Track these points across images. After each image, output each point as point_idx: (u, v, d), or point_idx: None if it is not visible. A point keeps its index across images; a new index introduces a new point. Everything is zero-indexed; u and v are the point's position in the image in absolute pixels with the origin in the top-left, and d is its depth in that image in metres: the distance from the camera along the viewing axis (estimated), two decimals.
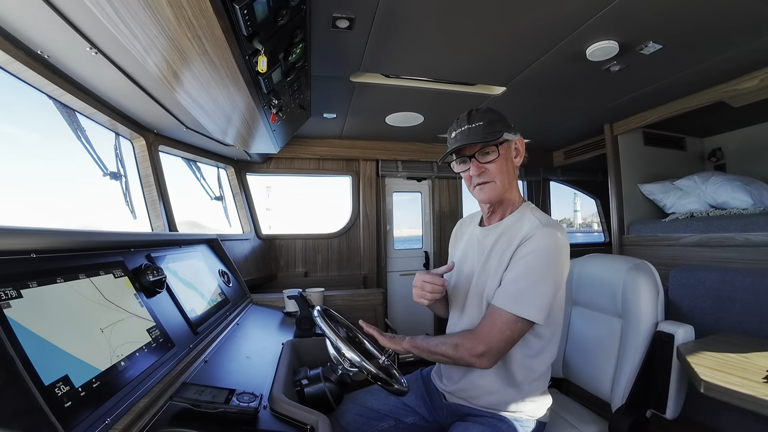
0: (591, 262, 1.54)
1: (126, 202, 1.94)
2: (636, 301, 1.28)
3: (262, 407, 0.89)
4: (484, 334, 1.03)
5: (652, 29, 1.59)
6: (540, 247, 1.04)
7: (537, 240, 1.05)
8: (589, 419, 1.32)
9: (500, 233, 1.17)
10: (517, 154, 1.19)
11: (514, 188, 1.22)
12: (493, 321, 1.04)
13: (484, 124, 1.12)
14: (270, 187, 3.61)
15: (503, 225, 1.19)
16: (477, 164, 1.15)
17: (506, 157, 1.16)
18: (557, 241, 1.05)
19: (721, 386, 0.94)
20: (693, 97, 2.35)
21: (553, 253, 1.05)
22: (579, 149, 3.68)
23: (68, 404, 0.66)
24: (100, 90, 1.54)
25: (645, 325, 1.25)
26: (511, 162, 1.18)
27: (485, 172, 1.15)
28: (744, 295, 1.54)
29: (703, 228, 2.35)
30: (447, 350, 1.07)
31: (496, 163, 1.14)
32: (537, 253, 1.04)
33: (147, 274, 1.13)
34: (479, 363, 1.03)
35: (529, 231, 1.08)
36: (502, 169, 1.15)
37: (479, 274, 1.18)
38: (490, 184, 1.16)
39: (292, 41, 1.27)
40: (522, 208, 1.20)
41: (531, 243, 1.06)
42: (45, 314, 0.74)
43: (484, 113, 1.15)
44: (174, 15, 0.86)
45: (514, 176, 1.20)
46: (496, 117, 1.15)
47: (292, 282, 3.23)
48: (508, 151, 1.17)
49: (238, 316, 1.70)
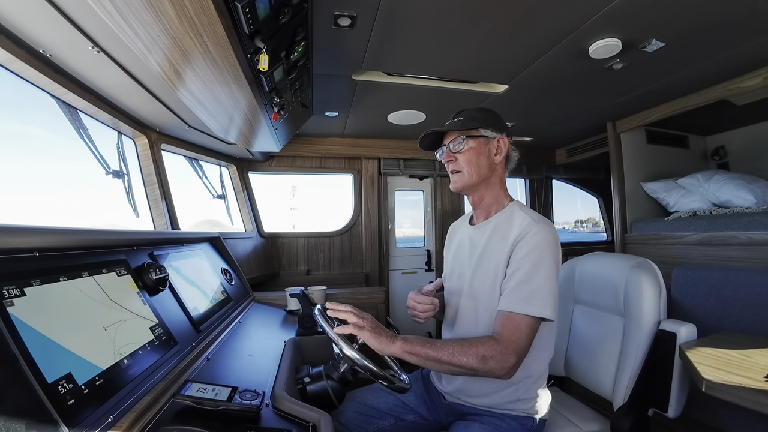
0: (593, 260, 1.54)
1: (129, 200, 1.95)
2: (638, 300, 1.28)
3: (264, 405, 0.89)
4: (512, 343, 0.97)
5: (655, 27, 1.58)
6: (540, 243, 1.05)
7: (535, 237, 1.05)
8: (591, 418, 1.32)
9: (491, 231, 1.18)
10: (497, 152, 1.20)
11: (498, 187, 1.24)
12: (517, 327, 0.99)
13: (464, 119, 1.20)
14: (295, 187, 3.62)
15: (492, 222, 1.20)
16: (448, 153, 1.22)
17: (478, 151, 1.18)
18: (553, 236, 1.07)
19: (723, 385, 0.94)
20: (696, 95, 2.34)
21: (553, 248, 1.06)
22: (581, 147, 3.67)
23: (71, 402, 0.66)
24: (103, 89, 1.54)
25: (647, 323, 1.25)
26: (485, 157, 1.19)
27: (454, 161, 1.20)
28: (746, 293, 1.53)
29: (705, 226, 2.34)
30: (471, 362, 0.94)
31: (464, 153, 1.18)
32: (539, 250, 1.04)
33: (150, 273, 1.13)
34: (509, 374, 0.97)
35: (523, 228, 1.08)
36: (471, 161, 1.18)
37: (473, 273, 1.18)
38: (459, 174, 1.21)
39: (294, 39, 1.27)
40: (510, 207, 1.21)
41: (529, 241, 1.05)
42: (48, 312, 0.74)
43: (472, 111, 1.22)
44: (176, 13, 0.86)
45: (491, 172, 1.21)
46: (480, 115, 1.20)
47: (294, 280, 3.24)
48: (483, 146, 1.19)
49: (240, 314, 1.71)
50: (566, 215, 17.11)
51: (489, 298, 1.12)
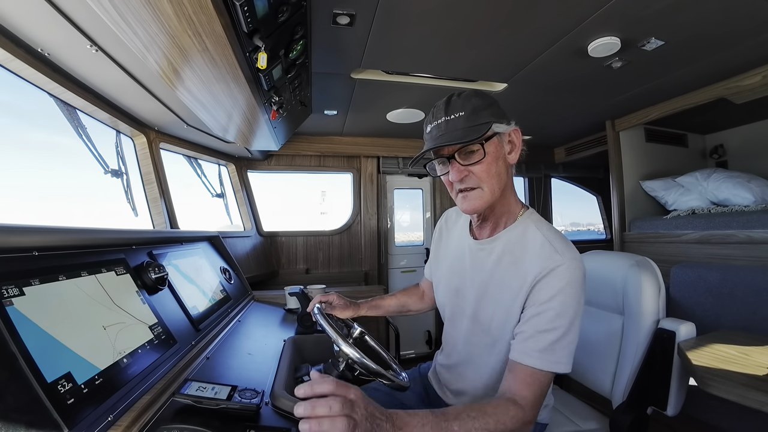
0: (592, 259, 1.54)
1: (127, 199, 1.94)
2: (637, 298, 1.28)
3: (264, 403, 0.89)
4: (536, 406, 0.83)
5: (654, 25, 1.58)
6: (567, 286, 0.86)
7: (562, 277, 0.86)
8: (590, 416, 1.32)
9: (500, 253, 0.98)
10: (512, 149, 0.96)
11: (509, 194, 0.99)
12: (540, 386, 0.83)
13: (466, 114, 0.90)
14: (325, 192, 3.64)
15: (502, 241, 0.98)
16: (458, 167, 0.92)
17: (496, 156, 0.92)
18: (581, 273, 0.88)
19: (722, 383, 0.94)
20: (695, 93, 2.34)
21: (579, 289, 0.87)
22: (580, 146, 3.67)
23: (71, 401, 0.66)
24: (101, 87, 1.54)
25: (646, 322, 1.25)
26: (503, 161, 0.94)
27: (469, 176, 0.92)
28: (745, 292, 1.54)
29: (704, 225, 2.35)
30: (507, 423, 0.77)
31: (483, 164, 0.90)
32: (565, 295, 0.85)
33: (149, 272, 1.13)
34: None
35: (545, 264, 0.88)
36: (491, 172, 0.91)
37: (479, 298, 1.01)
38: (476, 191, 0.93)
39: (293, 38, 1.27)
40: (523, 220, 0.99)
41: (554, 283, 0.86)
42: (48, 312, 0.74)
43: (467, 99, 0.92)
44: (174, 12, 0.86)
45: (508, 178, 0.97)
46: (482, 103, 0.92)
47: (293, 279, 3.24)
48: (499, 147, 0.93)
49: (239, 313, 1.71)
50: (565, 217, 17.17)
51: (502, 336, 0.96)
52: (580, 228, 4.70)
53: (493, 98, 0.96)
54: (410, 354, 3.61)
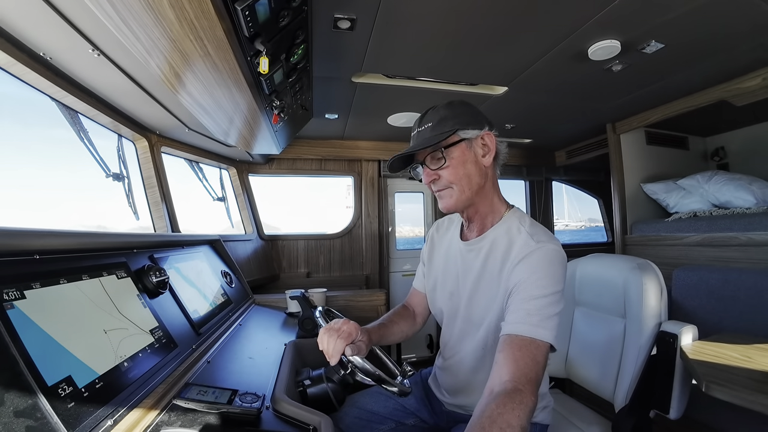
0: (594, 262, 1.54)
1: (129, 203, 1.95)
2: (639, 301, 1.28)
3: (264, 408, 0.89)
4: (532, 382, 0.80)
5: (654, 28, 1.58)
6: (543, 262, 0.91)
7: (538, 257, 0.92)
8: (592, 420, 1.31)
9: (487, 251, 1.03)
10: (486, 152, 1.02)
11: (491, 194, 1.07)
12: (534, 358, 0.83)
13: (432, 124, 1.00)
14: (350, 185, 3.68)
15: (488, 240, 1.05)
16: (427, 171, 1.03)
17: (463, 160, 1.00)
18: (559, 255, 0.93)
19: (725, 386, 0.94)
20: (695, 96, 2.34)
21: (558, 267, 0.92)
22: (581, 149, 3.67)
23: (71, 405, 0.66)
24: (103, 92, 1.55)
25: (648, 325, 1.25)
26: (473, 164, 1.01)
27: (439, 179, 1.02)
28: (747, 294, 1.53)
29: (706, 227, 2.34)
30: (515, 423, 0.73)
31: (449, 168, 1.00)
32: (542, 272, 0.90)
33: (150, 275, 1.13)
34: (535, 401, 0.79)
35: (524, 248, 0.94)
36: (459, 174, 1.00)
37: (470, 297, 1.06)
38: (447, 190, 1.03)
39: (294, 42, 1.28)
40: (508, 218, 1.05)
41: (531, 261, 0.92)
42: (49, 315, 0.74)
43: (437, 111, 1.02)
44: (176, 17, 0.86)
45: (484, 178, 1.04)
46: (450, 113, 1.01)
47: (294, 283, 3.24)
48: (467, 151, 1.01)
49: (240, 316, 1.71)
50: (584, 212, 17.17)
51: (492, 330, 1.00)
52: (598, 224, 4.74)
53: (468, 107, 1.04)
54: (412, 358, 3.60)
